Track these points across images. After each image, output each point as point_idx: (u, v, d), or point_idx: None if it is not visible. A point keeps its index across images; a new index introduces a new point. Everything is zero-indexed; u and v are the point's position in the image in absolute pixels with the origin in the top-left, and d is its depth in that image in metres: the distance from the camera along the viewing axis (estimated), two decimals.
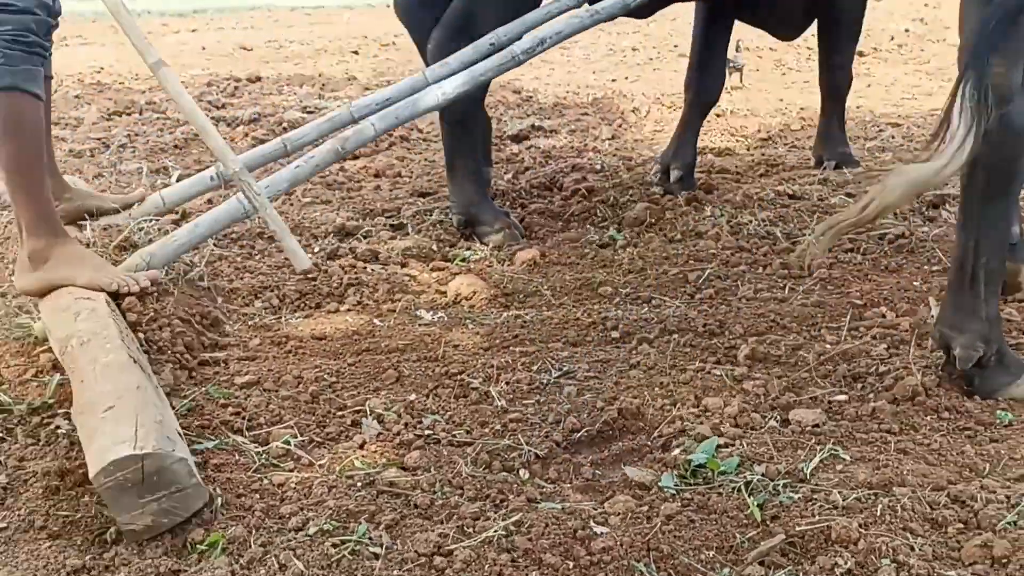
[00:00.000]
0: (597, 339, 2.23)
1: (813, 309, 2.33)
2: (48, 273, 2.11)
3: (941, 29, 8.59)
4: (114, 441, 1.47)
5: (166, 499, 1.44)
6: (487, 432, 1.80)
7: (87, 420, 1.58)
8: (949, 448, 1.66)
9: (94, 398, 1.63)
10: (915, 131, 4.36)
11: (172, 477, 1.45)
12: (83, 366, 1.75)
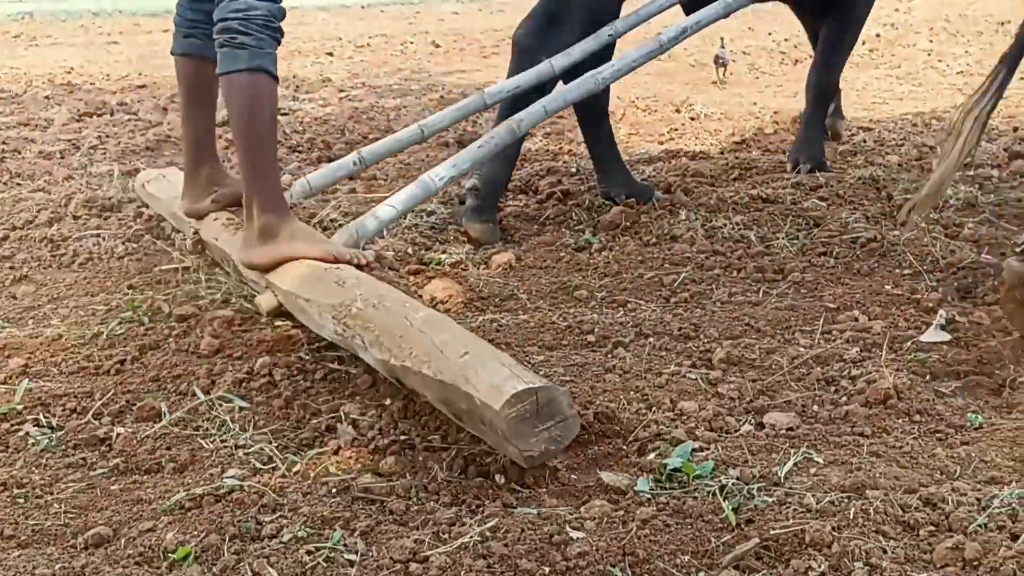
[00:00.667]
0: (573, 343, 2.23)
1: (787, 313, 2.35)
2: (279, 247, 2.21)
3: (912, 34, 8.70)
4: (502, 378, 1.58)
5: (554, 427, 1.58)
6: (463, 437, 1.79)
7: (443, 365, 1.67)
8: (921, 451, 1.68)
9: (437, 346, 1.72)
10: (886, 135, 4.41)
11: (558, 408, 1.59)
12: (392, 323, 1.85)
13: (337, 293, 2.02)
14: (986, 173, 3.59)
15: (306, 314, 2.12)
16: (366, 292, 1.99)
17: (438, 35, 10.59)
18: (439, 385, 1.68)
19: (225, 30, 2.16)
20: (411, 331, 1.81)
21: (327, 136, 4.77)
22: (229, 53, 2.17)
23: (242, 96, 2.18)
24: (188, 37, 2.53)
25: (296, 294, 2.13)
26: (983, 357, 2.02)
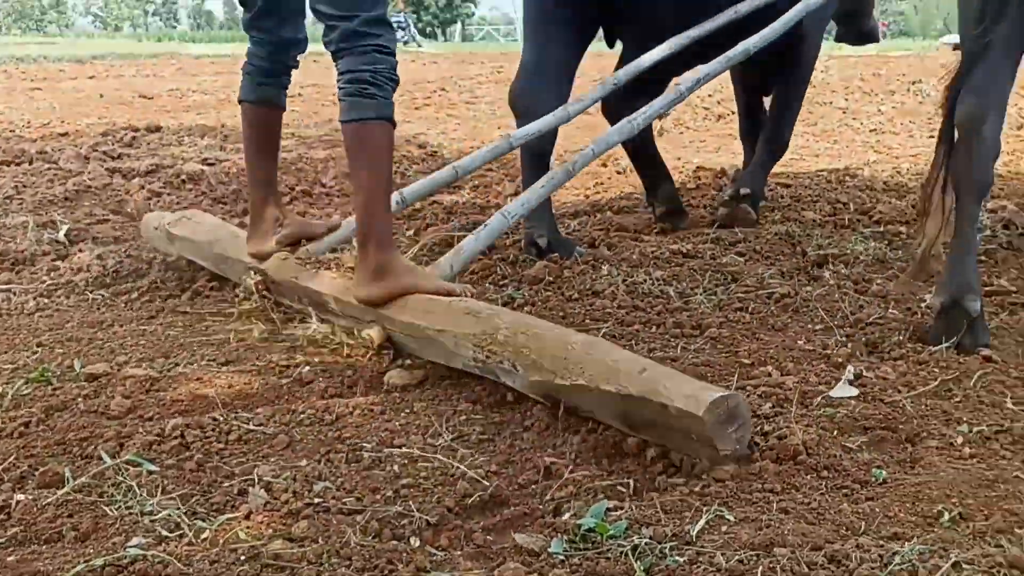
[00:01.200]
0: (492, 401, 2.23)
1: (703, 368, 2.39)
2: (392, 283, 2.40)
3: (829, 92, 9.08)
4: (694, 388, 1.83)
5: (739, 429, 1.82)
6: (378, 499, 1.77)
7: (627, 381, 1.88)
8: (828, 507, 1.72)
9: (613, 365, 1.94)
10: (802, 191, 4.56)
11: (741, 412, 1.82)
12: (551, 347, 2.05)
13: (475, 324, 2.22)
14: (895, 229, 3.74)
15: (434, 344, 2.30)
16: (508, 321, 2.19)
17: None
18: (620, 400, 1.89)
19: (356, 80, 2.33)
20: (575, 353, 2.01)
21: None
22: (358, 103, 2.34)
23: (369, 143, 2.37)
24: (263, 85, 2.72)
25: (424, 325, 2.31)
26: (889, 412, 2.08)
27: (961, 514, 1.65)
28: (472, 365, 2.23)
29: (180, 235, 3.20)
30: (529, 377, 2.07)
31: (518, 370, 2.09)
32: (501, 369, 2.14)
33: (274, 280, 2.78)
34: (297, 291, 2.72)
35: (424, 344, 2.35)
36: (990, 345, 2.41)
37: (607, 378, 1.91)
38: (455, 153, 5.91)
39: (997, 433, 1.96)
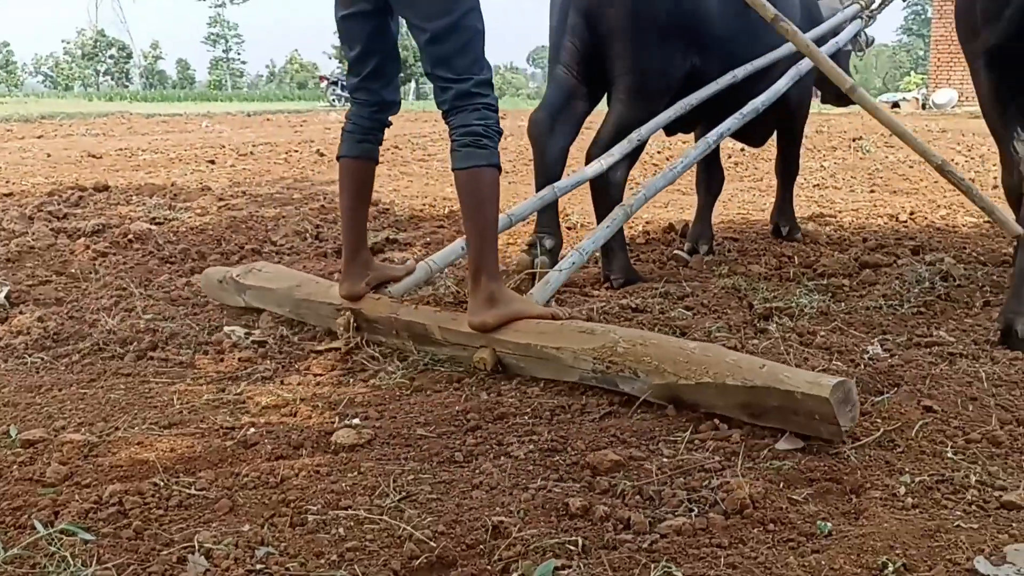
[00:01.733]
0: (441, 459, 2.21)
1: (652, 423, 2.39)
2: (504, 309, 2.71)
3: (773, 149, 9.27)
4: (812, 377, 2.20)
5: (852, 409, 2.15)
6: (322, 563, 1.74)
7: (750, 375, 2.24)
8: (775, 560, 1.72)
9: (733, 363, 2.30)
10: (749, 245, 4.64)
11: (852, 395, 2.15)
12: (671, 353, 2.40)
13: (592, 339, 2.53)
14: (838, 282, 3.81)
15: (550, 361, 2.60)
16: (623, 335, 2.53)
17: (323, 144, 10.70)
18: (745, 391, 2.23)
19: (470, 133, 2.66)
20: (695, 356, 2.36)
21: (202, 246, 4.70)
22: (473, 152, 2.66)
23: (482, 187, 2.67)
24: (363, 143, 2.97)
25: (541, 345, 2.61)
26: (833, 463, 2.10)
27: (905, 565, 1.66)
28: (590, 377, 2.53)
29: (252, 284, 3.36)
30: (652, 381, 2.39)
31: (640, 376, 2.42)
32: (621, 377, 2.46)
33: (368, 318, 3.01)
34: (396, 326, 2.95)
35: (538, 363, 2.63)
36: (933, 396, 2.46)
37: (730, 374, 2.26)
38: (407, 210, 5.93)
39: (938, 483, 1.99)
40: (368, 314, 3.01)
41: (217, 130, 14.23)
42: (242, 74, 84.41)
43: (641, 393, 2.43)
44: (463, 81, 2.66)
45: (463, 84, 2.66)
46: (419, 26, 2.68)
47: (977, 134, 10.78)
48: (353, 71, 2.94)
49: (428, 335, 2.87)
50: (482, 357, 2.70)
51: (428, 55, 2.70)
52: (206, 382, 2.75)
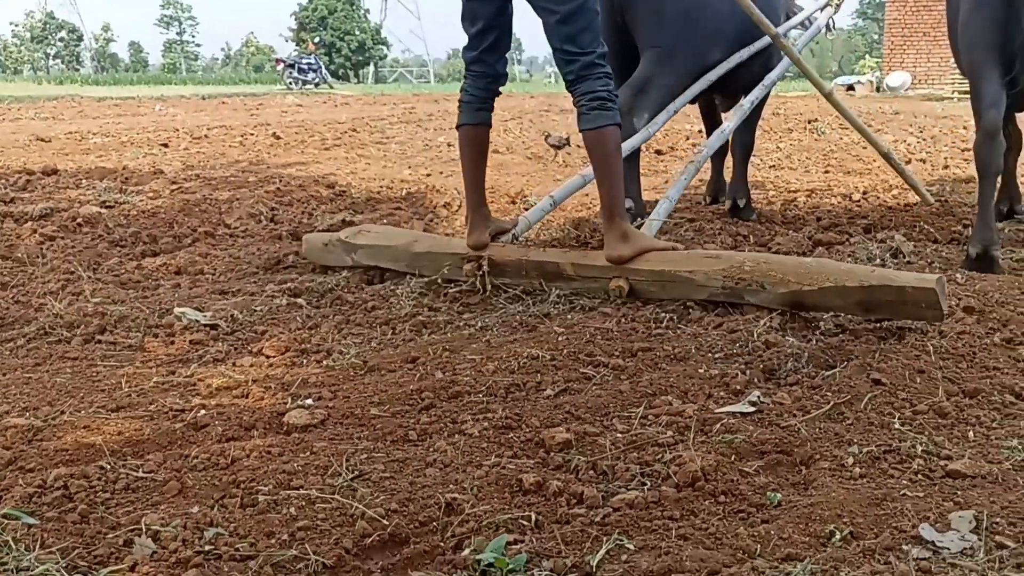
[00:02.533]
0: (395, 438, 2.20)
1: (607, 399, 2.40)
2: (635, 244, 3.16)
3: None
4: (915, 277, 2.76)
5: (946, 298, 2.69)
6: (273, 543, 1.72)
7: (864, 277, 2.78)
8: (725, 531, 1.73)
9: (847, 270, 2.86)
10: (705, 225, 4.67)
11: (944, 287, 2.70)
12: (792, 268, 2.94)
13: (718, 262, 3.05)
14: None
15: (682, 283, 3.08)
16: (746, 256, 3.09)
17: (279, 127, 10.55)
18: (862, 291, 2.74)
19: (596, 98, 3.08)
20: (814, 267, 2.89)
21: (154, 230, 4.62)
22: (599, 114, 3.08)
23: (609, 142, 3.10)
24: (480, 111, 3.33)
25: (674, 270, 3.08)
26: (784, 436, 2.12)
27: (852, 533, 1.69)
28: (719, 293, 3.02)
29: (364, 243, 3.72)
30: (778, 291, 2.88)
31: (766, 288, 2.90)
32: (748, 291, 2.96)
33: (497, 263, 3.36)
34: (526, 267, 3.34)
35: (670, 286, 3.10)
36: (882, 369, 2.50)
37: (848, 278, 2.77)
38: (364, 193, 5.88)
39: (885, 453, 2.02)
40: (497, 259, 3.36)
41: (171, 113, 13.97)
42: (197, 57, 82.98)
43: (767, 303, 2.92)
44: (588, 54, 3.07)
45: (588, 56, 3.07)
46: (550, 8, 3.05)
47: (929, 116, 10.95)
48: (472, 45, 3.27)
49: (560, 272, 3.28)
50: (619, 285, 3.14)
51: (557, 33, 3.08)
52: (156, 365, 2.70)
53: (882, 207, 5.33)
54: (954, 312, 2.96)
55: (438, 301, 3.38)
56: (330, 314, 3.28)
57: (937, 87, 17.29)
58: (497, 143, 8.88)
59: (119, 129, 10.56)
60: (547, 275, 3.29)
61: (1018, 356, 2.61)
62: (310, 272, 3.89)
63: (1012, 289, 3.30)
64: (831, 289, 2.78)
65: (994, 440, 2.07)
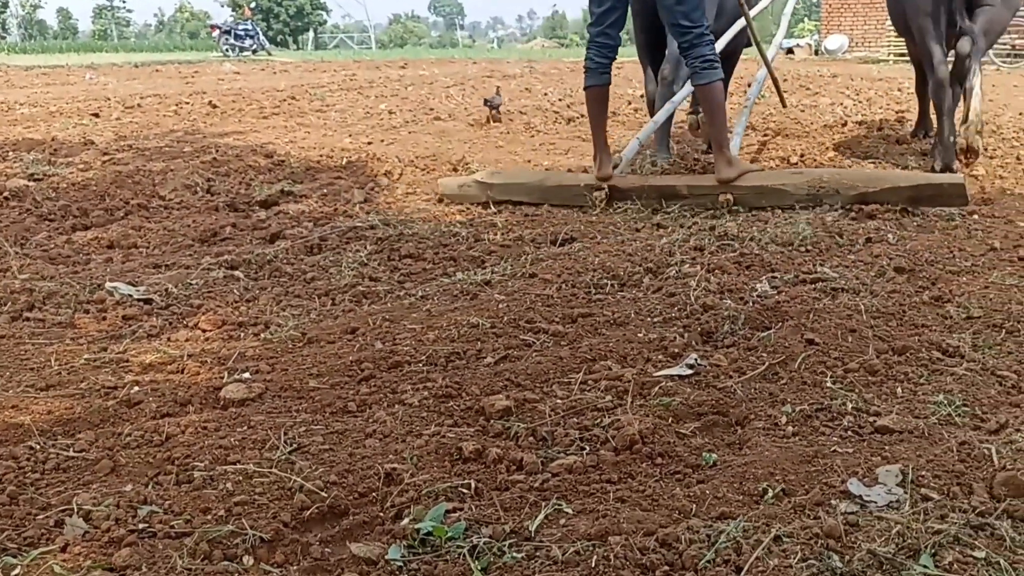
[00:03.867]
0: (335, 409, 2.19)
1: (547, 365, 2.41)
2: (737, 168, 4.15)
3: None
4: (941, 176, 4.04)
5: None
6: (209, 519, 1.70)
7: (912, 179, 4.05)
8: (662, 492, 1.76)
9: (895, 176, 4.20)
10: None
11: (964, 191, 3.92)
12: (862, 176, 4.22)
13: (802, 176, 4.11)
14: (733, 225, 3.89)
15: (776, 192, 4.07)
16: (823, 171, 4.19)
17: (216, 95, 10.31)
18: (912, 188, 3.87)
19: (705, 61, 4.04)
20: (874, 175, 4.14)
21: (84, 203, 4.49)
22: (709, 72, 4.04)
23: (717, 94, 4.09)
24: (603, 74, 4.26)
25: (770, 184, 4.10)
26: (720, 397, 2.16)
27: (784, 490, 1.73)
28: (804, 198, 4.02)
29: (498, 182, 4.47)
30: (849, 194, 3.96)
31: (840, 192, 3.98)
32: (826, 195, 3.99)
33: (621, 189, 4.27)
34: (646, 191, 4.24)
35: (767, 195, 4.09)
36: (815, 329, 2.54)
37: (902, 182, 3.96)
38: (303, 162, 5.78)
39: (817, 411, 2.07)
40: (621, 186, 4.28)
41: (102, 82, 13.55)
42: (128, 23, 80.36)
43: (839, 203, 3.95)
44: (698, 27, 4.04)
45: (698, 28, 4.04)
46: None
47: (865, 79, 11.11)
48: (597, 22, 4.19)
49: (676, 192, 4.20)
50: (726, 198, 4.07)
51: (675, 12, 4.03)
52: (87, 342, 2.64)
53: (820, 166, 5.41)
54: (885, 272, 3.03)
55: (379, 271, 3.35)
56: (268, 286, 3.23)
57: (874, 50, 17.55)
58: (439, 110, 8.81)
59: (47, 99, 10.22)
60: (665, 195, 4.20)
61: (946, 313, 2.69)
62: (248, 244, 3.82)
63: (941, 248, 3.38)
64: (889, 189, 3.89)
65: (921, 396, 2.13)
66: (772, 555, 1.49)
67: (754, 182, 4.10)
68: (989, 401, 2.10)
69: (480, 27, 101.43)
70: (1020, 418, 1.99)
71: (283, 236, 3.88)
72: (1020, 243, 3.45)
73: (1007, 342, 2.46)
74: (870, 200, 3.88)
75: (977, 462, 1.78)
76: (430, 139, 6.83)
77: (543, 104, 9.26)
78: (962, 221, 3.81)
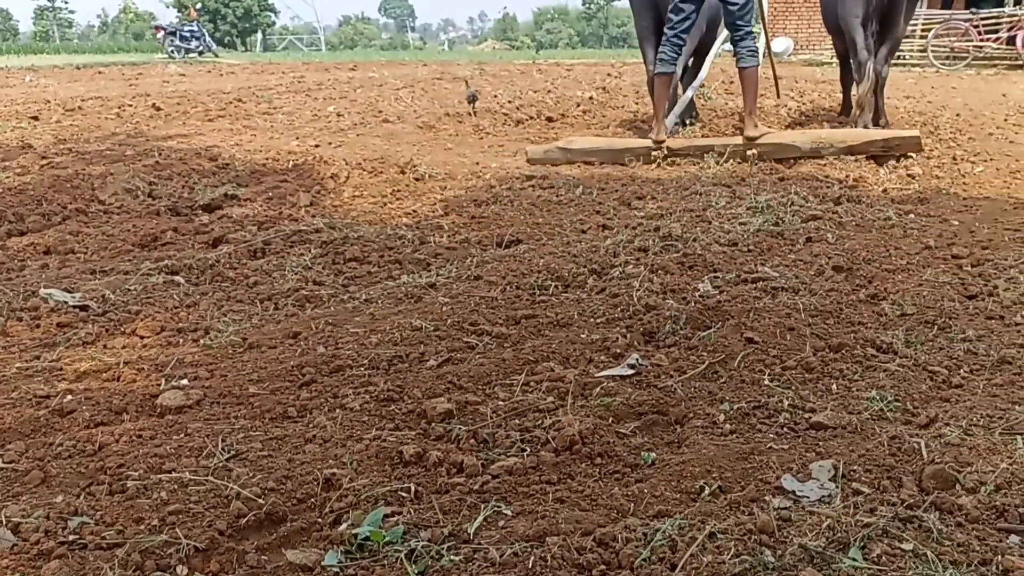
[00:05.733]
0: (274, 415, 2.16)
1: (490, 367, 2.41)
2: (761, 129, 5.60)
3: (620, 97, 9.44)
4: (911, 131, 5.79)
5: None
6: (142, 529, 1.67)
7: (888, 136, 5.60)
8: (600, 492, 1.77)
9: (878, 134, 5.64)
10: (596, 192, 4.72)
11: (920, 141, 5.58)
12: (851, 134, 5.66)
13: (807, 135, 5.64)
14: (677, 226, 3.93)
15: (788, 147, 5.49)
16: (821, 132, 5.82)
17: (160, 98, 10.14)
18: (884, 141, 5.43)
19: (750, 50, 5.51)
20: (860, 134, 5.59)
21: (21, 208, 4.39)
22: (751, 58, 5.50)
23: (755, 75, 5.55)
24: (672, 64, 5.70)
25: (788, 142, 5.54)
26: (660, 396, 2.18)
27: (720, 487, 1.75)
28: (808, 151, 5.43)
29: (577, 148, 5.82)
30: (840, 147, 5.39)
31: (834, 146, 5.40)
32: (824, 149, 5.43)
33: (675, 149, 5.69)
34: (694, 149, 5.71)
35: (783, 149, 5.51)
36: (755, 328, 2.58)
37: (877, 137, 5.48)
38: (248, 165, 5.71)
39: (755, 408, 2.10)
40: (674, 147, 5.72)
41: (42, 84, 13.24)
42: (71, 24, 78.67)
43: (833, 153, 5.39)
44: (748, 27, 5.53)
45: (748, 28, 5.53)
46: (733, 3, 5.40)
47: (809, 81, 11.29)
48: (675, 27, 5.59)
49: (714, 150, 5.62)
50: (753, 152, 5.47)
51: (734, 16, 5.44)
52: (19, 350, 2.57)
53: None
54: (824, 271, 3.08)
55: (323, 275, 3.33)
56: (209, 291, 3.19)
57: (818, 52, 17.84)
58: (388, 112, 8.76)
59: None
60: (706, 152, 5.62)
61: (881, 311, 2.74)
62: (190, 248, 3.77)
63: (878, 247, 3.46)
64: (868, 142, 5.43)
65: (855, 392, 2.18)
66: (706, 552, 1.51)
67: (773, 139, 5.58)
68: (920, 396, 2.15)
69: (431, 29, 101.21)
70: (950, 412, 2.04)
71: (226, 240, 3.83)
72: (954, 241, 3.54)
73: (939, 338, 2.52)
74: (855, 151, 5.36)
75: (907, 456, 1.83)
76: (378, 141, 6.79)
77: (492, 106, 9.25)
78: (899, 220, 3.90)
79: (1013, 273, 3.05)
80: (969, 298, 2.87)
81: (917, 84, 9.04)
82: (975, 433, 1.92)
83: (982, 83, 10.71)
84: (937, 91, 9.76)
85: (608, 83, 10.60)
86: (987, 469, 1.75)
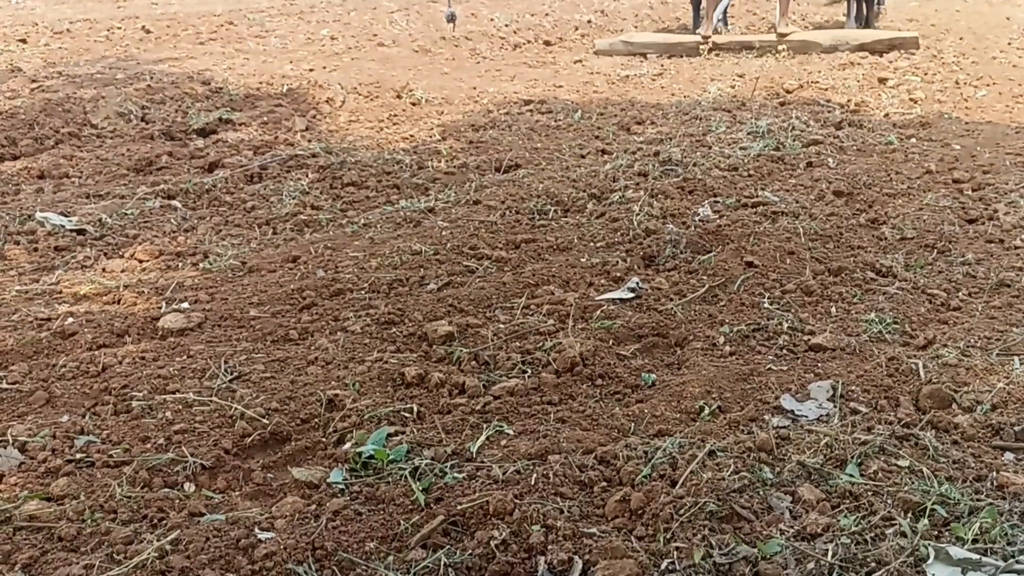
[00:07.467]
0: (276, 337, 2.17)
1: (490, 291, 2.41)
2: (792, 27, 6.59)
3: (619, 20, 9.27)
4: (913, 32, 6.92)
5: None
6: (148, 448, 1.69)
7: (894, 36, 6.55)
8: (601, 412, 1.79)
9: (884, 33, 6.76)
10: (595, 116, 4.66)
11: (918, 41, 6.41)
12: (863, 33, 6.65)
13: (828, 34, 6.60)
14: (678, 151, 3.90)
15: (813, 44, 6.35)
16: (840, 31, 6.75)
17: (149, 20, 9.90)
18: (890, 40, 6.32)
19: None
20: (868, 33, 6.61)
21: (12, 132, 4.32)
22: None
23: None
24: None
25: (812, 39, 6.43)
26: (660, 319, 2.19)
27: (720, 407, 1.77)
28: (828, 47, 6.25)
29: (636, 41, 6.78)
30: (854, 44, 6.28)
31: (849, 43, 6.29)
32: (841, 44, 6.27)
33: (719, 44, 6.52)
34: (735, 45, 6.55)
35: (809, 45, 6.32)
36: (755, 252, 2.58)
37: (884, 36, 6.40)
38: (241, 89, 5.61)
39: (754, 331, 2.11)
40: (719, 42, 6.56)
41: (29, 6, 12.93)
42: None
43: (849, 49, 6.18)
44: None
45: None
46: None
47: None
48: None
49: (752, 45, 6.50)
50: (781, 47, 6.23)
51: None
52: (17, 273, 2.57)
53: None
54: (824, 195, 3.07)
55: (321, 199, 3.30)
56: (207, 216, 3.17)
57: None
58: (383, 35, 8.58)
59: None
60: (744, 47, 6.46)
61: (881, 235, 2.74)
62: (186, 173, 3.73)
63: (879, 171, 3.43)
64: (877, 40, 6.22)
65: (854, 314, 2.18)
66: (706, 468, 1.53)
67: (801, 37, 6.46)
68: (918, 318, 2.16)
69: None
70: (947, 334, 2.05)
71: (222, 165, 3.79)
72: (955, 166, 3.52)
73: (938, 262, 2.52)
74: (866, 48, 6.17)
75: (905, 376, 1.84)
76: (374, 65, 6.67)
77: (489, 30, 9.07)
78: (900, 144, 3.87)
79: (1014, 197, 3.04)
80: (969, 222, 2.86)
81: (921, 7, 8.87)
82: (972, 354, 1.93)
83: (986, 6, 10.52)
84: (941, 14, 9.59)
85: (607, 6, 10.38)
86: (984, 389, 1.77)
